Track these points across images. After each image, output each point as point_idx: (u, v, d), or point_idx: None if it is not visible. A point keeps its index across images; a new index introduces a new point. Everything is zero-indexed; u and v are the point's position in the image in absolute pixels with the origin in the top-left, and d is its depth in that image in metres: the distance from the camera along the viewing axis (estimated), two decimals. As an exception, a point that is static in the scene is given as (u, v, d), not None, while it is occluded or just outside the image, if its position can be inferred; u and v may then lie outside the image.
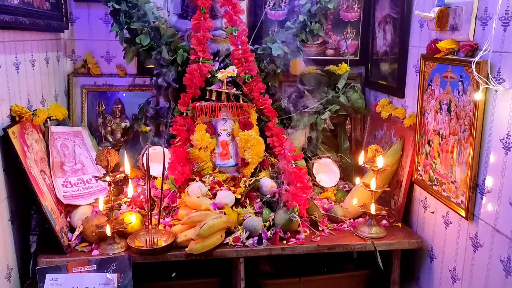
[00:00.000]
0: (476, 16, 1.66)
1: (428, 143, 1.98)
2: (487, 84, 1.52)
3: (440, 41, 1.85)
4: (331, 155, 2.56)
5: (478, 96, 1.55)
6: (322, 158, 2.49)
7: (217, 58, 2.52)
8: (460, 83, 1.72)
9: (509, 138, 1.48)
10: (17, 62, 1.89)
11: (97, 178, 1.89)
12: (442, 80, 1.85)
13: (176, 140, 2.28)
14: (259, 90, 2.37)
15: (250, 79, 2.35)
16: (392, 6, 2.36)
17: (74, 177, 2.10)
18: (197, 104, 2.27)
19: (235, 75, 2.29)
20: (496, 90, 1.53)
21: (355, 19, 2.74)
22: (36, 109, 2.04)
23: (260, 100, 2.36)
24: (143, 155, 2.27)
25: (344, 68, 2.72)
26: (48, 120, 2.09)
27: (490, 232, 1.59)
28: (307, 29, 2.44)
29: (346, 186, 2.50)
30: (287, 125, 2.60)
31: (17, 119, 1.84)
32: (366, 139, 2.67)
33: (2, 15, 1.65)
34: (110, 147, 2.54)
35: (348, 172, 2.58)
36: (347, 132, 2.76)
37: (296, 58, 2.51)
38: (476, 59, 1.54)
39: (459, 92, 1.73)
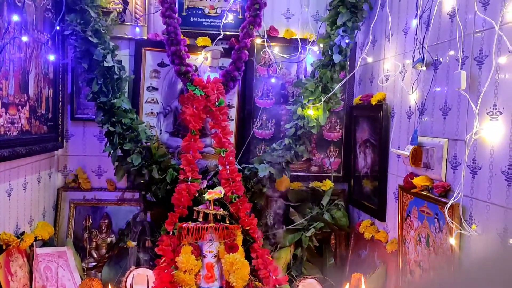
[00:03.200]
0: (446, 159, 1.79)
1: (410, 272, 2.02)
2: (460, 229, 1.60)
3: (415, 175, 1.97)
4: (316, 275, 2.55)
5: (453, 241, 1.63)
6: (307, 279, 2.48)
7: (205, 175, 2.61)
8: (436, 220, 1.80)
9: (485, 283, 1.53)
10: (9, 189, 1.95)
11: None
12: (419, 214, 1.93)
13: (161, 261, 2.28)
14: (245, 210, 2.43)
15: (237, 199, 2.42)
16: (371, 133, 2.52)
17: (55, 302, 2.06)
18: (184, 225, 2.30)
19: (222, 196, 2.36)
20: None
21: (338, 139, 2.90)
22: (23, 232, 2.05)
23: (246, 220, 2.41)
24: (126, 278, 2.26)
25: (328, 184, 2.82)
26: (34, 243, 2.09)
27: None
28: (292, 151, 2.57)
29: (332, 308, 2.47)
30: (272, 241, 2.63)
31: (4, 247, 1.85)
32: (350, 257, 2.69)
33: (0, 151, 1.73)
34: (94, 264, 2.52)
35: (334, 292, 2.57)
36: (332, 248, 2.79)
37: (282, 177, 2.61)
38: (449, 204, 1.64)
39: (435, 229, 1.80)
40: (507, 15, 1.48)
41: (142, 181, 2.54)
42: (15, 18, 1.79)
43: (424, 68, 1.99)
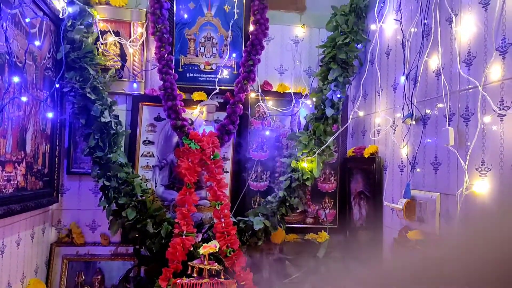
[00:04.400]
0: (439, 213, 1.80)
1: (409, 329, 1.97)
2: (456, 286, 1.59)
3: (410, 229, 1.98)
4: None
5: (449, 298, 1.61)
6: (304, 336, 2.42)
7: (200, 229, 2.60)
8: (432, 275, 1.78)
9: None
10: (2, 246, 1.93)
11: None
12: (415, 268, 1.92)
13: (155, 319, 2.23)
14: (241, 264, 2.40)
15: (232, 253, 2.40)
16: (365, 185, 2.54)
17: None
18: (178, 281, 2.27)
19: (217, 250, 2.34)
20: None
21: (332, 190, 2.92)
22: (14, 291, 2.02)
23: (241, 275, 2.38)
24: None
25: (323, 236, 2.81)
26: (24, 302, 2.05)
27: None
28: (287, 204, 2.57)
29: None
30: (268, 296, 2.58)
31: (-7, 308, 1.82)
32: (348, 312, 2.63)
33: (-4, 209, 1.73)
34: (86, 323, 2.46)
35: None
36: (329, 302, 2.74)
37: (277, 230, 2.60)
38: (444, 259, 1.64)
39: (432, 284, 1.78)
40: (490, 76, 1.55)
41: (137, 235, 2.53)
42: (16, 79, 1.85)
43: (413, 122, 2.04)
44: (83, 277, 2.58)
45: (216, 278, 2.30)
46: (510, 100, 1.46)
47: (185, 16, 2.76)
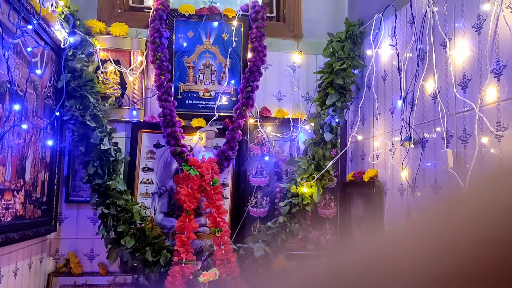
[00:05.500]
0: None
1: None
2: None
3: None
4: None
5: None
6: None
7: (200, 256, 2.56)
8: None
9: None
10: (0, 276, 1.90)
11: None
12: (419, 293, 1.89)
13: None
14: (241, 293, 2.36)
15: (232, 281, 2.37)
16: (366, 209, 2.53)
17: None
18: (178, 310, 2.23)
19: (217, 278, 2.30)
20: None
21: (333, 216, 2.89)
22: (10, 322, 1.97)
23: (242, 303, 2.34)
24: None
25: (325, 262, 2.77)
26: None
27: None
28: (287, 229, 2.55)
29: None
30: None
31: None
32: None
33: (-7, 238, 1.71)
34: None
35: None
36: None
37: (277, 256, 2.57)
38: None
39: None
40: (486, 98, 1.57)
41: (135, 264, 2.50)
42: (17, 107, 1.86)
43: (412, 145, 2.05)
44: (81, 308, 2.53)
45: (216, 307, 2.26)
46: (507, 121, 1.47)
47: (184, 44, 2.81)
